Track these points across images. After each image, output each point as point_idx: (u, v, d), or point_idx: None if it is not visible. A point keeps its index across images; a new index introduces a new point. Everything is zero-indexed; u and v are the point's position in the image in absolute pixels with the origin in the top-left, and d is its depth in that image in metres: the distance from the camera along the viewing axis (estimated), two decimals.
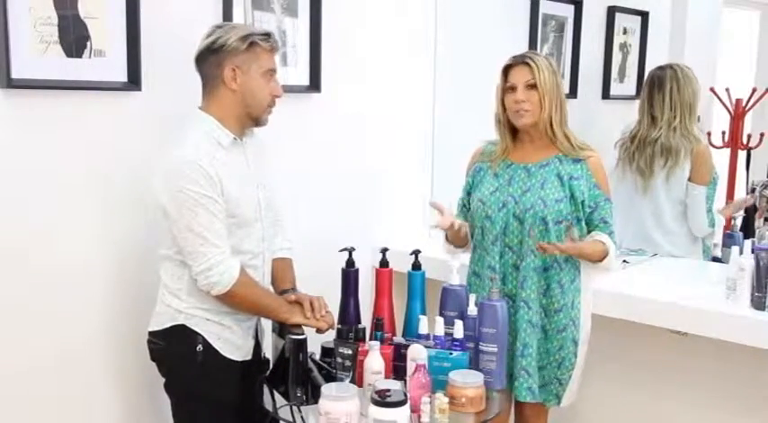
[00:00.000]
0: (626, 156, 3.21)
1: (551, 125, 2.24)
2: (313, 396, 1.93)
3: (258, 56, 2.01)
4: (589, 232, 2.28)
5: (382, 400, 1.76)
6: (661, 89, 3.13)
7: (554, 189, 2.23)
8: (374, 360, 1.97)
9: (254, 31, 2.02)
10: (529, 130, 2.27)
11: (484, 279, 2.30)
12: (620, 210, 3.21)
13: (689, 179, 3.07)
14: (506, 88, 2.25)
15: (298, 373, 1.97)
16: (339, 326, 2.13)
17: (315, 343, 2.11)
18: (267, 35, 2.04)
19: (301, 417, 1.96)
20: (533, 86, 2.21)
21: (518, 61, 2.24)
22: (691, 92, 3.12)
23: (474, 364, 2.07)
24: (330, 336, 2.12)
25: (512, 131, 2.31)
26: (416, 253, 2.27)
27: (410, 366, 1.97)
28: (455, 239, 2.36)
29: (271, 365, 2.16)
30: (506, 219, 2.26)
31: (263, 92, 2.04)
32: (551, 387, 2.32)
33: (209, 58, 2.00)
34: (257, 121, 2.09)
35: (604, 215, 2.28)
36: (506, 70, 2.26)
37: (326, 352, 2.11)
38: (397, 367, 2.04)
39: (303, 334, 2.00)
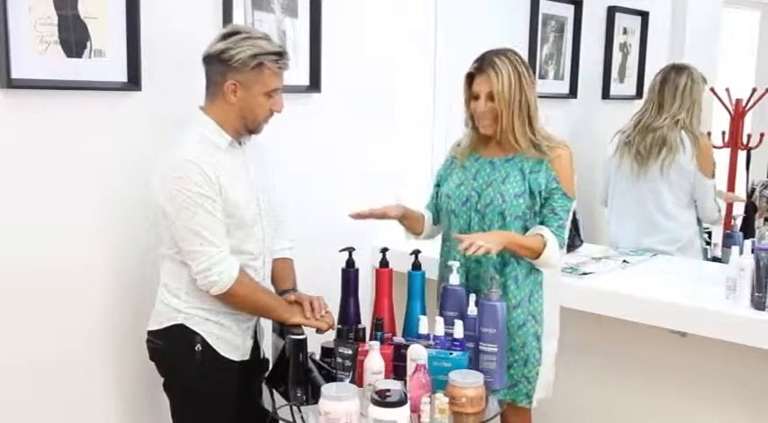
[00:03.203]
0: (625, 141, 3.29)
1: (513, 134, 2.20)
2: (313, 396, 1.93)
3: (263, 76, 1.99)
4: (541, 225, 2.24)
5: (382, 400, 1.76)
6: (675, 82, 3.23)
7: (515, 184, 2.22)
8: (374, 360, 1.97)
9: (265, 50, 1.97)
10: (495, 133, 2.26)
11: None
12: (619, 194, 3.31)
13: (698, 170, 3.15)
14: (471, 96, 2.24)
15: (298, 373, 1.97)
16: (339, 326, 2.13)
17: (315, 343, 2.11)
18: (279, 55, 2.00)
19: (301, 417, 1.96)
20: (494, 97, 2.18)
21: (479, 69, 2.20)
22: (699, 95, 3.23)
23: (474, 364, 2.07)
24: (330, 336, 2.12)
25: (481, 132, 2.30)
26: (416, 253, 2.27)
27: (410, 366, 1.97)
28: (409, 227, 2.38)
29: (271, 365, 2.17)
30: (469, 214, 2.26)
31: (262, 108, 2.03)
32: (521, 386, 2.28)
33: (215, 65, 1.99)
34: (252, 132, 2.08)
35: (555, 207, 2.22)
36: (470, 78, 2.23)
37: (326, 352, 2.11)
38: (397, 367, 2.04)
39: (303, 334, 2.00)
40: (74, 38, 2.08)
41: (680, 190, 3.19)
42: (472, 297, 2.16)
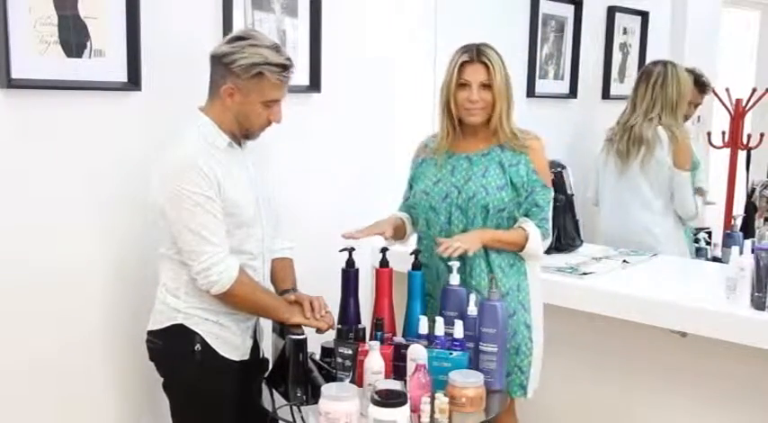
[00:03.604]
0: (609, 138, 3.36)
1: (501, 122, 2.25)
2: (313, 396, 1.93)
3: (262, 86, 1.96)
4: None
5: (382, 400, 1.76)
6: (646, 81, 3.28)
7: (496, 176, 2.25)
8: (374, 360, 1.97)
9: (269, 60, 1.94)
10: (476, 125, 2.28)
11: (432, 269, 2.30)
12: (606, 191, 3.37)
13: (674, 165, 3.18)
14: (459, 84, 2.24)
15: (298, 373, 1.97)
16: (339, 326, 2.13)
17: (315, 343, 2.11)
18: (283, 67, 1.97)
19: (301, 417, 1.96)
20: (487, 86, 2.22)
21: (474, 59, 2.23)
22: (675, 90, 3.24)
23: (474, 364, 2.07)
24: (330, 336, 2.12)
25: (457, 123, 2.30)
26: (416, 253, 2.27)
27: (410, 366, 1.97)
28: (394, 236, 2.36)
29: (271, 365, 2.17)
30: (449, 209, 2.26)
31: (259, 117, 2.01)
32: (514, 377, 2.27)
33: (217, 66, 1.99)
34: (246, 138, 2.08)
35: (538, 200, 2.27)
36: (461, 66, 2.24)
37: (326, 352, 2.11)
38: (397, 367, 2.04)
39: (303, 334, 2.00)
40: (74, 38, 2.08)
41: (659, 186, 3.22)
42: (472, 297, 2.16)
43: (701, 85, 3.63)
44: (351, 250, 2.23)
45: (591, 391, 2.74)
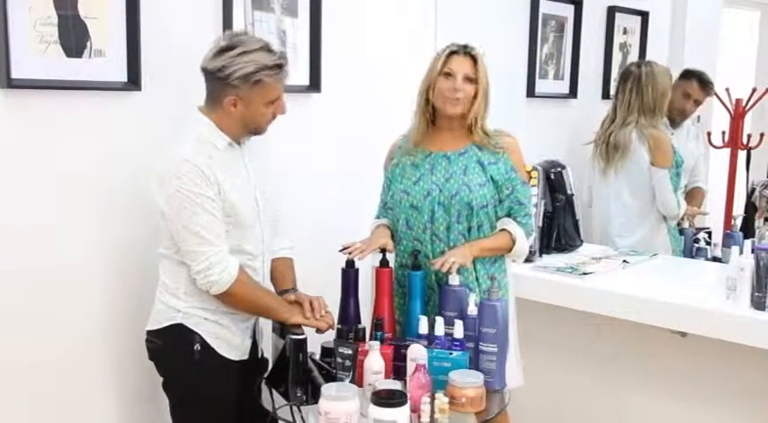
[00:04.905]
0: (595, 144, 3.41)
1: (476, 120, 2.27)
2: (313, 396, 1.93)
3: (263, 90, 1.97)
4: (507, 215, 2.31)
5: (382, 400, 1.76)
6: (624, 84, 3.32)
7: (476, 174, 2.27)
8: (374, 360, 1.97)
9: (264, 65, 1.94)
10: (452, 118, 2.28)
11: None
12: (596, 194, 3.42)
13: (651, 164, 3.19)
14: (442, 73, 2.25)
15: (298, 373, 1.97)
16: (339, 326, 2.13)
17: (315, 343, 2.11)
18: (278, 66, 1.97)
19: (301, 417, 1.96)
20: (472, 80, 2.23)
21: (461, 52, 2.25)
22: (651, 93, 3.24)
23: (474, 364, 2.07)
24: (330, 336, 2.12)
25: (431, 118, 2.32)
26: (416, 253, 2.27)
27: (410, 366, 1.97)
28: None
29: (271, 365, 2.17)
30: (432, 207, 2.27)
31: (265, 116, 2.03)
32: None
33: (213, 81, 1.98)
34: (256, 134, 2.08)
35: (520, 197, 2.31)
36: (448, 56, 2.25)
37: (326, 352, 2.11)
38: (397, 367, 2.05)
39: (303, 334, 2.01)
40: (74, 38, 2.08)
41: (637, 188, 3.24)
42: (473, 297, 2.17)
43: (703, 84, 3.63)
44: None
45: (591, 390, 2.75)
